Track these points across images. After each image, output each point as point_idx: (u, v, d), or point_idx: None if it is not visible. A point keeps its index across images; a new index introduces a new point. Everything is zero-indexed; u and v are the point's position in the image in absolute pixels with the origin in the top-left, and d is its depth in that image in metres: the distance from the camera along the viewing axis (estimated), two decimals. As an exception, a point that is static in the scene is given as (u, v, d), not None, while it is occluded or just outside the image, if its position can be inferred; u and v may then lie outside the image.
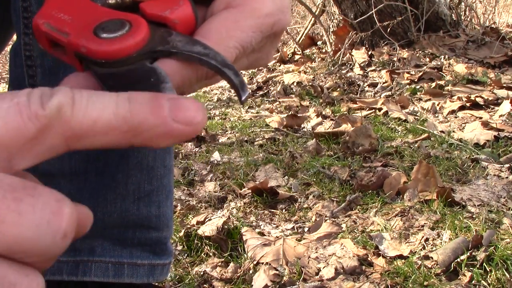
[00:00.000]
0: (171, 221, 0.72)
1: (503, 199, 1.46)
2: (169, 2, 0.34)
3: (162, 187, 0.68)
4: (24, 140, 0.25)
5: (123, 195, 0.64)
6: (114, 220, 0.65)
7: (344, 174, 1.68)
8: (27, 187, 0.24)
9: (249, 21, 0.33)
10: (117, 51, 0.30)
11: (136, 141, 0.27)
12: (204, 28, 0.33)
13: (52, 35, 0.32)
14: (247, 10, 0.33)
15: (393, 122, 2.26)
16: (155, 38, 0.32)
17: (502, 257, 1.13)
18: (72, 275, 0.65)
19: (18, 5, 0.58)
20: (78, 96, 0.26)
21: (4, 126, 0.24)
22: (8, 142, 0.24)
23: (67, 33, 0.32)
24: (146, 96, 0.27)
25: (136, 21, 0.32)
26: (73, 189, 0.60)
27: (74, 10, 0.33)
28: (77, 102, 0.25)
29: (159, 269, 0.71)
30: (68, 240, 0.25)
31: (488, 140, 1.90)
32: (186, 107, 0.26)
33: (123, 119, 0.26)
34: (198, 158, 1.93)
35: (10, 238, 0.23)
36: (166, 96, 0.27)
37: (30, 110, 0.25)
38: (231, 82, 0.32)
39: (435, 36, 3.49)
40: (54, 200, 0.25)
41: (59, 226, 0.24)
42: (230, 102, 3.00)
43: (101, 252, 0.66)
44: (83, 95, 0.26)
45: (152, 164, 0.65)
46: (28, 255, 0.24)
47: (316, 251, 1.25)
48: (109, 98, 0.26)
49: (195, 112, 0.26)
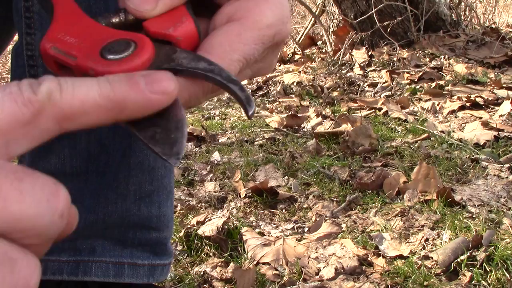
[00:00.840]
0: (172, 222, 0.72)
1: (503, 199, 1.46)
2: (171, 19, 0.34)
3: (163, 188, 0.68)
4: (20, 125, 0.27)
5: (124, 195, 0.64)
6: (115, 220, 0.65)
7: (344, 174, 1.68)
8: (26, 170, 0.26)
9: (251, 33, 0.34)
10: (124, 72, 0.31)
11: (122, 117, 0.29)
12: (208, 43, 0.34)
13: (60, 59, 0.33)
14: (248, 23, 0.34)
15: (393, 122, 2.26)
16: (160, 56, 0.33)
17: (502, 257, 1.13)
18: (73, 275, 0.65)
19: (20, 5, 0.58)
20: (64, 82, 0.28)
21: (1, 113, 0.26)
22: (6, 128, 0.26)
23: (75, 56, 0.32)
24: (122, 76, 0.30)
25: (141, 40, 0.33)
26: (74, 189, 0.60)
27: (80, 32, 0.34)
28: (64, 87, 0.28)
29: (159, 269, 0.71)
30: (64, 221, 0.27)
31: (488, 140, 1.90)
32: (159, 79, 0.30)
33: (107, 97, 0.29)
34: (198, 158, 1.93)
35: (11, 216, 0.24)
36: (139, 73, 0.30)
37: (24, 97, 0.27)
38: (237, 97, 0.32)
39: (435, 36, 3.49)
40: (52, 182, 0.27)
41: (57, 205, 0.26)
42: (230, 102, 3.00)
43: (102, 252, 0.66)
44: (68, 80, 0.29)
45: (153, 165, 0.65)
46: (27, 234, 0.25)
47: (316, 251, 1.25)
48: (91, 81, 0.29)
49: (167, 82, 0.30)
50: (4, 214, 0.24)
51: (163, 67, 0.32)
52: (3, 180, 0.24)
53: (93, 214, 0.62)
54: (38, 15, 0.48)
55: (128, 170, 0.63)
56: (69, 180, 0.60)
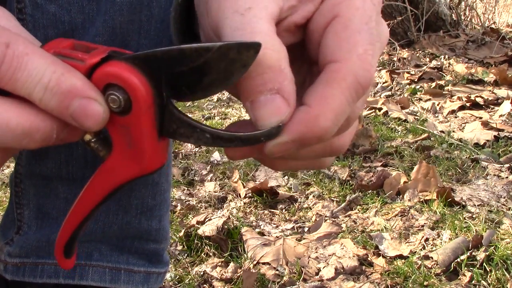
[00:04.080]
0: (169, 233, 0.72)
1: (503, 199, 1.46)
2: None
3: (164, 202, 0.67)
4: None
5: (126, 207, 0.63)
6: (114, 231, 0.64)
7: (344, 174, 1.68)
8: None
9: (357, 21, 0.32)
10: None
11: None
12: (324, 48, 0.32)
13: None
14: (346, 13, 0.32)
15: (393, 122, 2.25)
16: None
17: (502, 257, 1.13)
18: (69, 279, 0.65)
19: (13, 7, 0.58)
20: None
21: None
22: None
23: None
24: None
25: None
26: (70, 194, 0.60)
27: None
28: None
29: (154, 277, 0.70)
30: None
31: (488, 140, 1.90)
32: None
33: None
34: (198, 158, 1.93)
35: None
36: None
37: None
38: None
39: (435, 36, 3.49)
40: None
41: None
42: (230, 102, 3.00)
43: (99, 257, 0.66)
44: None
45: (157, 180, 0.65)
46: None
47: (316, 251, 1.25)
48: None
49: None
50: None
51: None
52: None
53: (93, 223, 0.62)
54: (31, 17, 0.48)
55: (132, 183, 0.62)
56: (65, 184, 0.60)
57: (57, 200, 0.61)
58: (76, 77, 0.31)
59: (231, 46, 0.28)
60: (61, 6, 0.48)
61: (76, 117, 0.31)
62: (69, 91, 0.30)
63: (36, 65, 0.30)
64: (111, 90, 0.31)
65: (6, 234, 0.65)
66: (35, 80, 0.30)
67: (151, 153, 0.33)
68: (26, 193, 0.62)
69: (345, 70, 0.31)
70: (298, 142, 0.31)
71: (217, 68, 0.29)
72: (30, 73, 0.30)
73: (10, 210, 0.65)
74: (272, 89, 0.30)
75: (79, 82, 0.31)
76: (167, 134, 0.33)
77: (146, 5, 0.50)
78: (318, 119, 0.30)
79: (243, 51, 0.29)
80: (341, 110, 0.31)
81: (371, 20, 0.32)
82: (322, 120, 0.30)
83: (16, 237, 0.64)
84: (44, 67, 0.30)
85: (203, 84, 0.30)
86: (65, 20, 0.48)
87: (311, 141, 0.31)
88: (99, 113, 0.31)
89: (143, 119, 0.31)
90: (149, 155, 0.33)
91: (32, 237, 0.63)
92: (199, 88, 0.31)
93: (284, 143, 0.31)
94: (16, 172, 0.61)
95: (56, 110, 0.31)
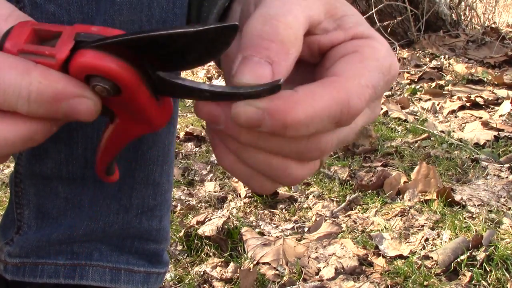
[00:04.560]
0: (169, 234, 0.72)
1: (503, 199, 1.46)
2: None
3: (165, 202, 0.67)
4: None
5: (127, 207, 0.63)
6: (115, 231, 0.64)
7: (344, 174, 1.68)
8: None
9: (372, 62, 0.33)
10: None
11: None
12: (331, 70, 0.33)
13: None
14: (366, 53, 0.33)
15: (393, 122, 2.26)
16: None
17: (502, 257, 1.13)
18: (69, 278, 0.65)
19: None
20: None
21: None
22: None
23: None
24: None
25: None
26: (70, 194, 0.60)
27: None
28: None
29: (154, 277, 0.71)
30: None
31: (488, 140, 1.90)
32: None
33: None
34: (198, 158, 1.93)
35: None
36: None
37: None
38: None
39: (435, 36, 3.49)
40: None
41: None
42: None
43: (99, 257, 0.66)
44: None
45: (158, 180, 0.65)
46: None
47: (316, 251, 1.25)
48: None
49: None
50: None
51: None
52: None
53: (94, 222, 0.62)
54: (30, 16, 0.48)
55: (133, 183, 0.62)
56: (65, 184, 0.60)
57: (57, 200, 0.61)
58: (54, 80, 0.30)
59: (208, 31, 0.28)
60: (60, 5, 0.48)
61: (69, 116, 0.31)
62: (53, 98, 0.29)
63: (8, 81, 0.29)
64: (95, 81, 0.30)
65: (6, 234, 0.65)
66: (14, 97, 0.29)
67: (155, 116, 0.34)
68: (26, 193, 0.62)
69: (340, 87, 0.31)
70: (268, 117, 0.30)
71: (196, 48, 0.30)
72: (7, 91, 0.29)
73: (10, 210, 0.65)
74: (270, 59, 0.31)
75: (60, 84, 0.30)
76: (166, 95, 0.34)
77: (147, 5, 0.50)
78: (297, 106, 0.30)
79: (222, 33, 0.29)
80: (319, 114, 0.30)
81: (382, 75, 0.33)
82: (299, 109, 0.30)
83: (16, 237, 0.64)
84: (18, 81, 0.29)
85: (186, 60, 0.31)
86: (64, 19, 0.48)
87: (278, 123, 0.30)
88: (90, 108, 0.31)
89: (136, 96, 0.31)
90: (154, 118, 0.34)
91: (32, 237, 0.63)
92: (183, 63, 0.31)
93: (256, 110, 0.30)
94: (16, 172, 0.61)
95: (46, 116, 0.30)
